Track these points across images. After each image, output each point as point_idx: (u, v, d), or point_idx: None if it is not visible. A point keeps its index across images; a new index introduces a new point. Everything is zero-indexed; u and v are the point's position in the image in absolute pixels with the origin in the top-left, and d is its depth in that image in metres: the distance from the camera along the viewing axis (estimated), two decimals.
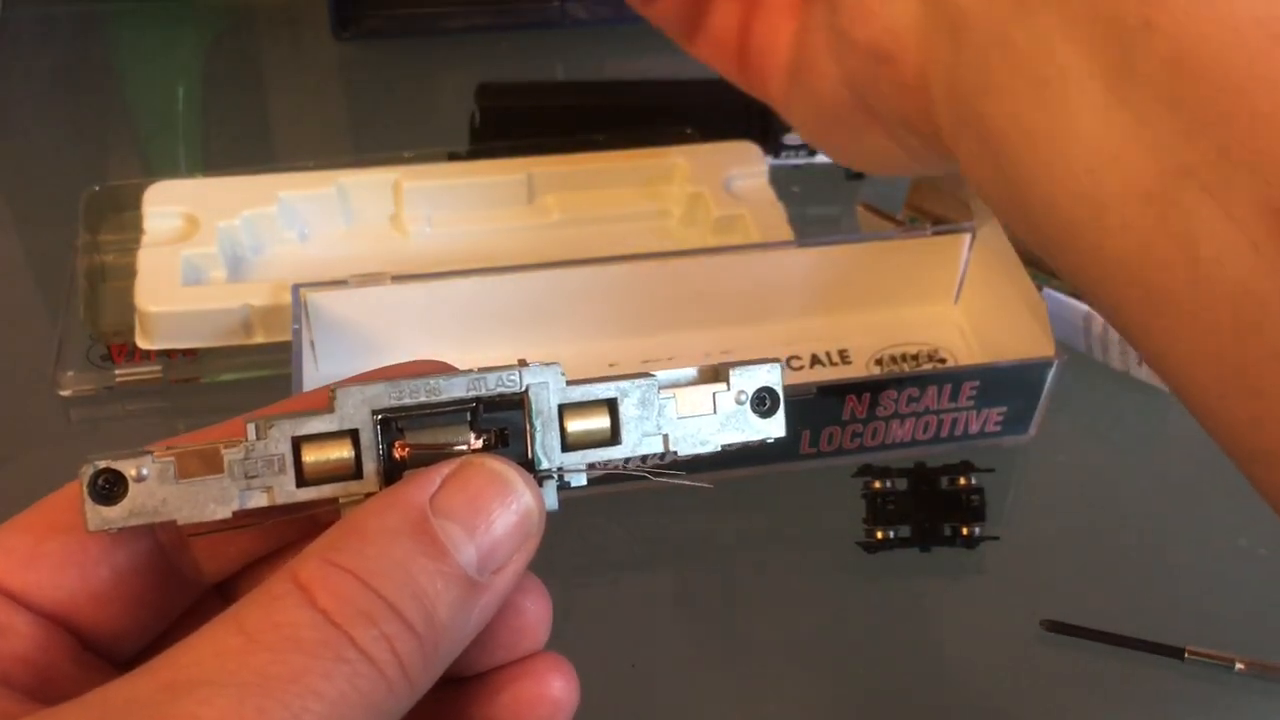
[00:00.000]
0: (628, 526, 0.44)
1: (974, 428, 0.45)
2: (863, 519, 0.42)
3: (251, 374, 0.48)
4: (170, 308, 0.46)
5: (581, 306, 0.48)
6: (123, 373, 0.48)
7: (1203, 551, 0.45)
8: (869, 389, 0.43)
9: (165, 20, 0.70)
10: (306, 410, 0.23)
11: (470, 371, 0.24)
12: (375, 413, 0.23)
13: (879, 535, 0.42)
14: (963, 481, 0.42)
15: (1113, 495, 0.47)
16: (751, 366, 0.25)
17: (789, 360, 0.49)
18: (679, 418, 0.25)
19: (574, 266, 0.47)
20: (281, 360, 0.44)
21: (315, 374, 0.46)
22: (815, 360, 0.49)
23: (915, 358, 0.49)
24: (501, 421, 0.24)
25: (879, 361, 0.49)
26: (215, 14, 0.72)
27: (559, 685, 0.25)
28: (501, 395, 0.24)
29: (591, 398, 0.24)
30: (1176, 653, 0.40)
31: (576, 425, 0.24)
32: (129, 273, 0.48)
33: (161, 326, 0.47)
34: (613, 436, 0.25)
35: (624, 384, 0.24)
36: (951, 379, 0.43)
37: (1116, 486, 0.47)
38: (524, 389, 0.24)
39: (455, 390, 0.23)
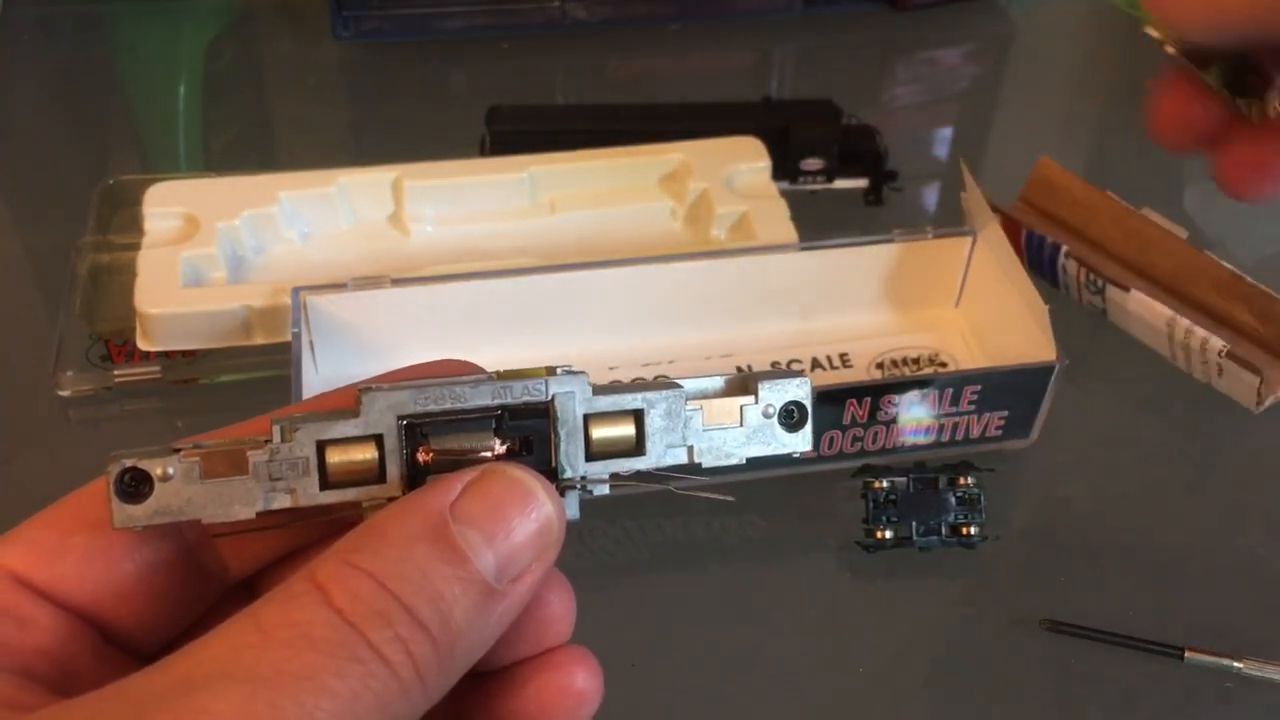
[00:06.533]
0: (628, 528, 0.44)
1: (975, 432, 0.45)
2: (862, 519, 0.42)
3: (251, 375, 0.48)
4: (170, 309, 0.46)
5: (581, 309, 0.48)
6: (122, 373, 0.48)
7: (1203, 551, 0.45)
8: (870, 393, 0.43)
9: (165, 20, 0.70)
10: (332, 412, 0.23)
11: (496, 379, 0.24)
12: (400, 418, 0.23)
13: (879, 535, 0.42)
14: (962, 481, 0.42)
15: (1113, 495, 0.47)
16: (781, 380, 0.25)
17: (789, 363, 0.49)
18: (704, 429, 0.25)
19: (574, 269, 0.47)
20: (281, 361, 0.44)
21: (315, 376, 0.46)
22: (816, 363, 0.49)
23: (916, 361, 0.49)
24: (526, 429, 0.24)
25: (880, 365, 0.49)
26: (215, 14, 0.72)
27: (583, 678, 0.25)
28: (527, 404, 0.24)
29: (618, 408, 0.24)
30: (1176, 653, 0.40)
31: (601, 435, 0.24)
32: (129, 271, 0.48)
33: (161, 328, 0.47)
34: (637, 447, 0.24)
35: (651, 394, 0.24)
36: (952, 383, 0.43)
37: (1117, 486, 0.47)
38: (550, 398, 0.24)
39: (480, 398, 0.23)
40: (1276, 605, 0.43)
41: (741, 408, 0.25)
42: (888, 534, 0.42)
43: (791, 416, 0.25)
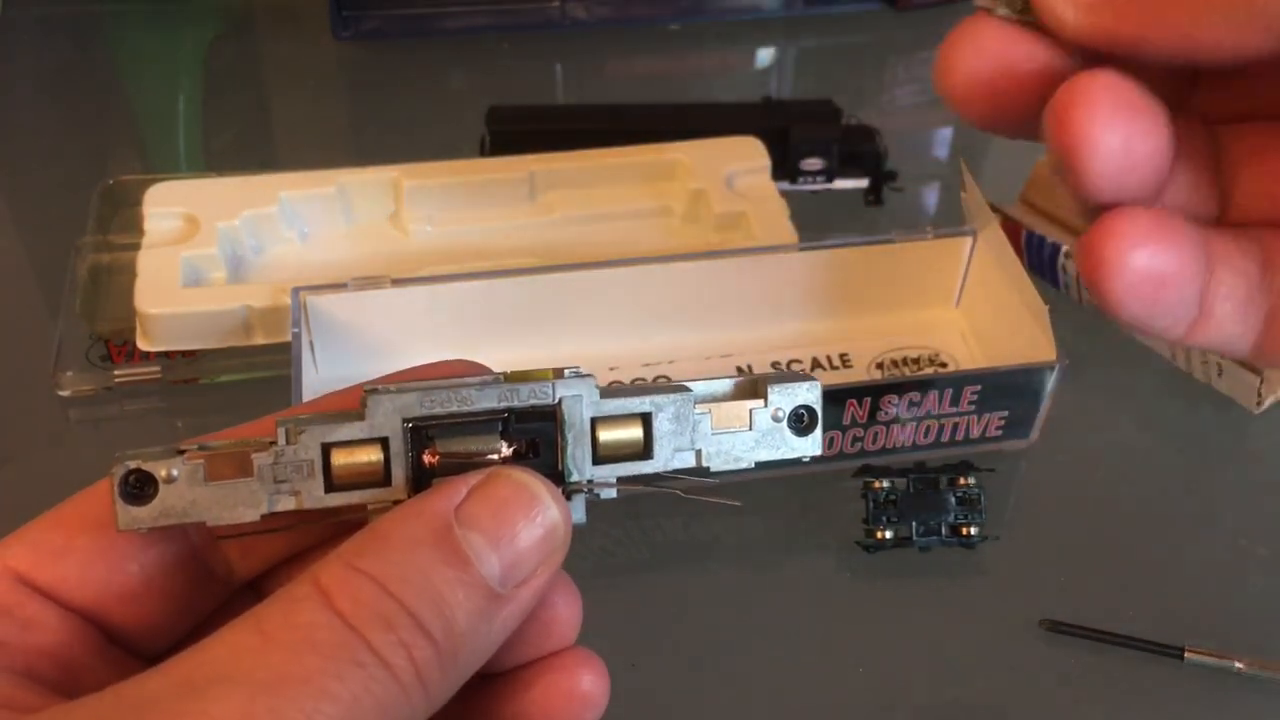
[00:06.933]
0: (628, 528, 0.44)
1: (975, 432, 0.45)
2: (862, 519, 0.42)
3: (251, 375, 0.48)
4: (170, 309, 0.46)
5: (582, 309, 0.48)
6: (122, 373, 0.48)
7: (1203, 551, 0.45)
8: (869, 393, 0.43)
9: (165, 20, 0.70)
10: (337, 414, 0.23)
11: (502, 381, 0.23)
12: (406, 421, 0.23)
13: (879, 535, 0.42)
14: (962, 481, 0.42)
15: (1113, 495, 0.47)
16: (791, 384, 0.25)
17: (789, 364, 0.49)
18: (713, 433, 0.25)
19: (574, 269, 0.47)
20: (281, 362, 0.44)
21: (315, 376, 0.46)
22: (816, 364, 0.49)
23: (916, 361, 0.49)
24: (533, 432, 0.24)
25: (880, 365, 0.49)
26: (215, 14, 0.72)
27: (589, 680, 0.25)
28: (533, 407, 0.24)
29: (625, 411, 0.24)
30: (1176, 653, 0.40)
31: (609, 438, 0.24)
32: (129, 271, 0.48)
33: (161, 328, 0.47)
34: (645, 451, 0.24)
35: (659, 398, 0.24)
36: (952, 383, 0.43)
37: (1117, 487, 0.47)
38: (557, 401, 0.24)
39: (487, 401, 0.23)
40: (1276, 605, 0.43)
41: (750, 411, 0.25)
42: (888, 534, 0.42)
43: (801, 420, 0.25)
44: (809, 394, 0.25)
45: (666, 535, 0.44)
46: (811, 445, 0.25)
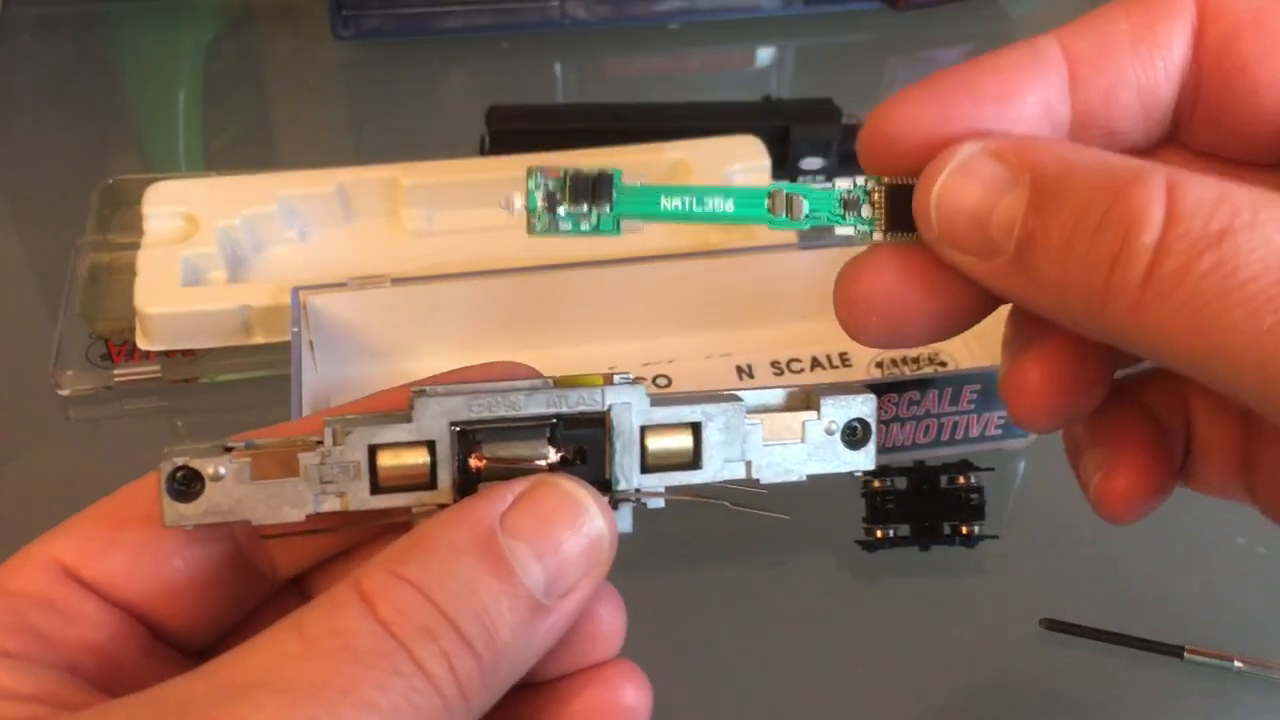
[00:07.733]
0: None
1: (974, 431, 0.45)
2: (862, 518, 0.42)
3: (250, 374, 0.48)
4: (170, 309, 0.46)
5: (582, 309, 0.48)
6: (122, 372, 0.48)
7: (1202, 551, 0.45)
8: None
9: (165, 20, 0.70)
10: (384, 415, 0.23)
11: (551, 386, 0.23)
12: (454, 424, 0.23)
13: (879, 534, 0.42)
14: (962, 480, 0.42)
15: None
16: (845, 396, 0.24)
17: (789, 363, 0.49)
18: (764, 444, 0.24)
19: (574, 269, 0.47)
20: (281, 361, 0.44)
21: (314, 376, 0.46)
22: (815, 363, 0.49)
23: (916, 361, 0.49)
24: (581, 438, 0.23)
25: (879, 365, 0.49)
26: (215, 14, 0.72)
27: (632, 694, 0.24)
28: (582, 413, 0.23)
29: (675, 420, 0.24)
30: (1176, 652, 0.40)
31: (658, 447, 0.24)
32: (129, 271, 0.48)
33: (161, 327, 0.47)
34: (694, 461, 0.24)
35: (709, 407, 0.24)
36: (952, 382, 0.43)
37: None
38: (606, 408, 0.23)
39: (535, 406, 0.23)
40: (1276, 605, 0.43)
41: (804, 423, 0.24)
42: (888, 533, 0.42)
43: (855, 433, 0.25)
44: (864, 407, 0.25)
45: (666, 535, 0.44)
46: (865, 459, 0.25)
